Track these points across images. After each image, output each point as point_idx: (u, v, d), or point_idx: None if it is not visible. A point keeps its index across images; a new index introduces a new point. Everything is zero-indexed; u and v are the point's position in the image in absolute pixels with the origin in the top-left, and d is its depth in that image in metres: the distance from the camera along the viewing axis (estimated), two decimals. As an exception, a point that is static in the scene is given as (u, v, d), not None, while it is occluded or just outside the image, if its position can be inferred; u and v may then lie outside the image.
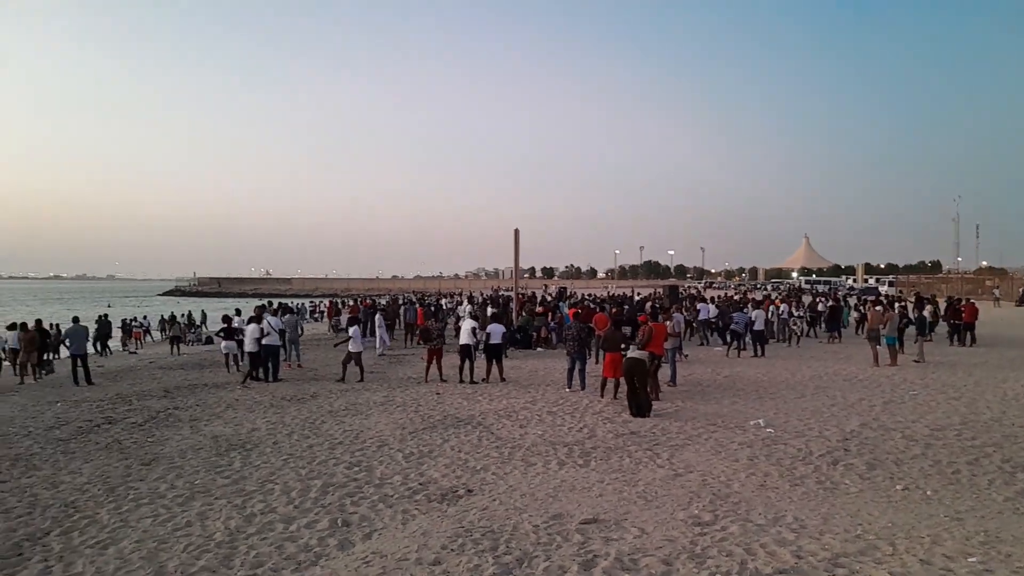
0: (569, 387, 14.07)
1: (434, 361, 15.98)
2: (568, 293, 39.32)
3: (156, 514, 7.07)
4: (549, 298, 34.79)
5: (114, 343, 32.67)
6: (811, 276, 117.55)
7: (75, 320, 19.06)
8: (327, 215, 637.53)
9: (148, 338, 35.58)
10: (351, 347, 16.24)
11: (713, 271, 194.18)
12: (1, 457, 9.63)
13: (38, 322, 20.87)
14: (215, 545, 6.16)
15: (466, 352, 15.46)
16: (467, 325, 16.07)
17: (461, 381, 15.33)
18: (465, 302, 35.48)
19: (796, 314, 26.18)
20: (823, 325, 26.69)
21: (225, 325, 19.37)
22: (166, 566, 5.73)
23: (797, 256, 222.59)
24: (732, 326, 20.76)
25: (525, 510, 6.72)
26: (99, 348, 27.41)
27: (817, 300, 32.75)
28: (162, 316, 39.24)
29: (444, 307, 37.12)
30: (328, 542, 6.17)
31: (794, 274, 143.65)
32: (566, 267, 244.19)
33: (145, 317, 38.69)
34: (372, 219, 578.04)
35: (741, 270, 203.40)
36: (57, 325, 26.29)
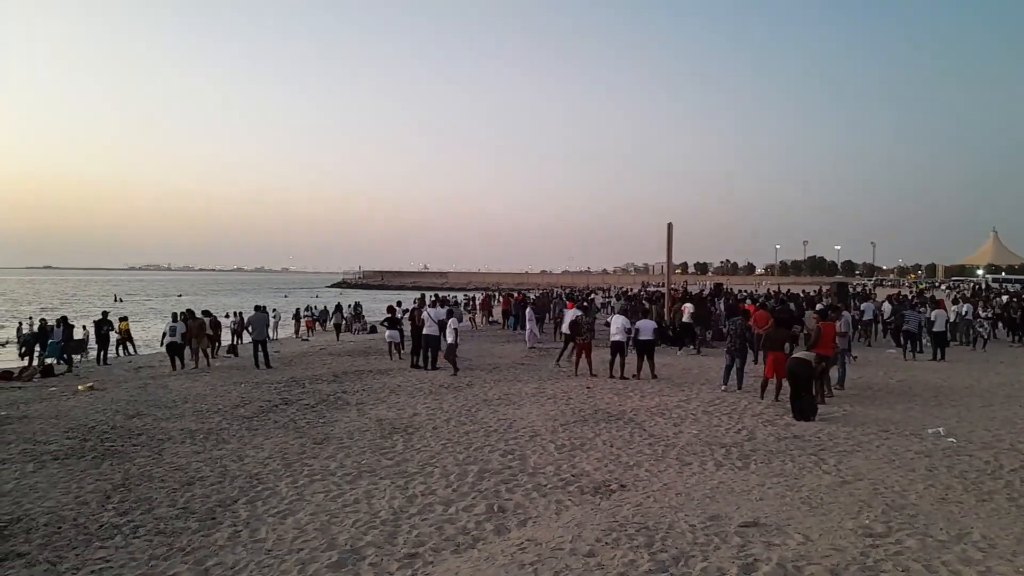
0: (724, 386, 13.61)
1: (583, 355, 16.00)
2: (725, 289, 37.88)
3: (328, 490, 7.58)
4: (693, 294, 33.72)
5: (287, 331, 35.39)
6: (1000, 274, 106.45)
7: (257, 308, 20.76)
8: (481, 210, 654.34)
9: (318, 327, 38.12)
10: (449, 339, 16.68)
11: (885, 268, 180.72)
12: (196, 431, 10.69)
13: (204, 312, 22.97)
14: (380, 522, 6.50)
15: (617, 347, 15.34)
16: (618, 321, 15.93)
17: (612, 376, 15.24)
18: (613, 298, 35.26)
19: (982, 315, 23.83)
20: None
21: (389, 315, 20.38)
22: (337, 539, 6.12)
23: (983, 252, 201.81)
24: (905, 326, 19.24)
25: (681, 509, 6.56)
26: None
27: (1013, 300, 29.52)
28: (325, 306, 41.84)
29: (595, 302, 37.08)
30: (485, 526, 6.34)
31: (979, 271, 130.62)
32: (721, 262, 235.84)
33: (314, 307, 41.47)
34: (523, 214, 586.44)
35: (917, 267, 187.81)
36: (240, 313, 28.80)
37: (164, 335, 19.86)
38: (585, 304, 23.87)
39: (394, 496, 7.30)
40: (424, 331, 17.40)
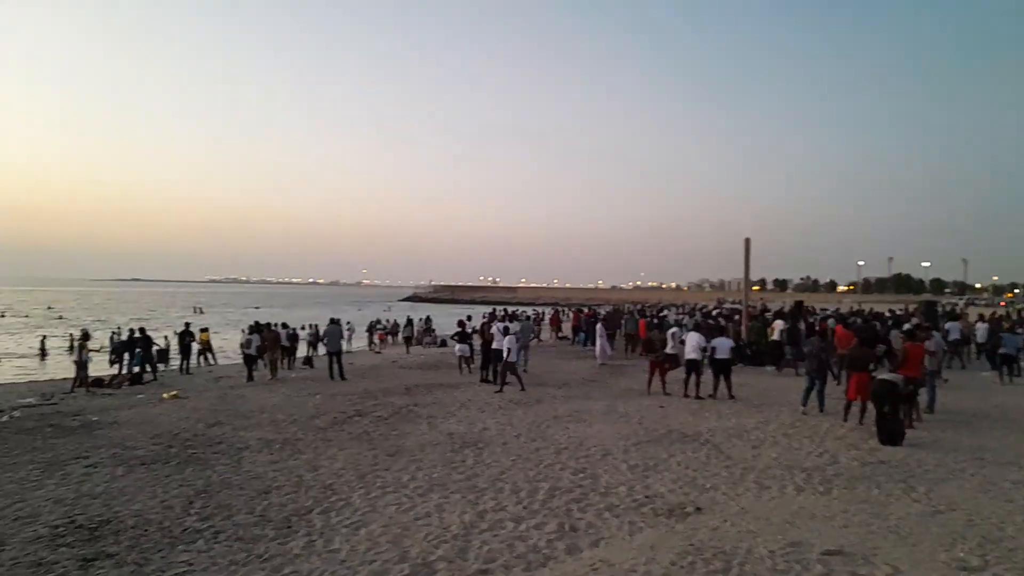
0: (804, 408, 13.13)
1: (656, 374, 15.73)
2: (805, 307, 36.69)
3: (400, 502, 7.63)
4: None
5: (360, 343, 36.09)
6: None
7: (332, 321, 21.24)
8: (550, 225, 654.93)
9: (390, 339, 38.74)
10: (508, 357, 16.56)
11: (978, 286, 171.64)
12: (273, 440, 10.96)
13: (282, 324, 23.60)
14: (451, 537, 6.50)
15: (692, 366, 15.01)
16: (693, 339, 15.59)
17: (686, 396, 14.92)
18: (686, 316, 34.58)
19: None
20: None
21: (459, 329, 20.54)
22: (409, 551, 6.14)
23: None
24: (1001, 349, 18.22)
25: (759, 534, 6.33)
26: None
27: None
28: (395, 319, 42.50)
29: (668, 319, 36.43)
30: (556, 545, 6.26)
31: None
32: (801, 279, 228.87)
33: (386, 320, 42.18)
34: (593, 228, 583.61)
35: (1014, 285, 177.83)
36: (315, 325, 29.51)
37: (241, 346, 20.54)
38: (656, 321, 23.51)
39: (465, 511, 7.29)
40: (493, 345, 17.46)
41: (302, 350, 26.41)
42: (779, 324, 21.11)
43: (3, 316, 68.34)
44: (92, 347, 20.35)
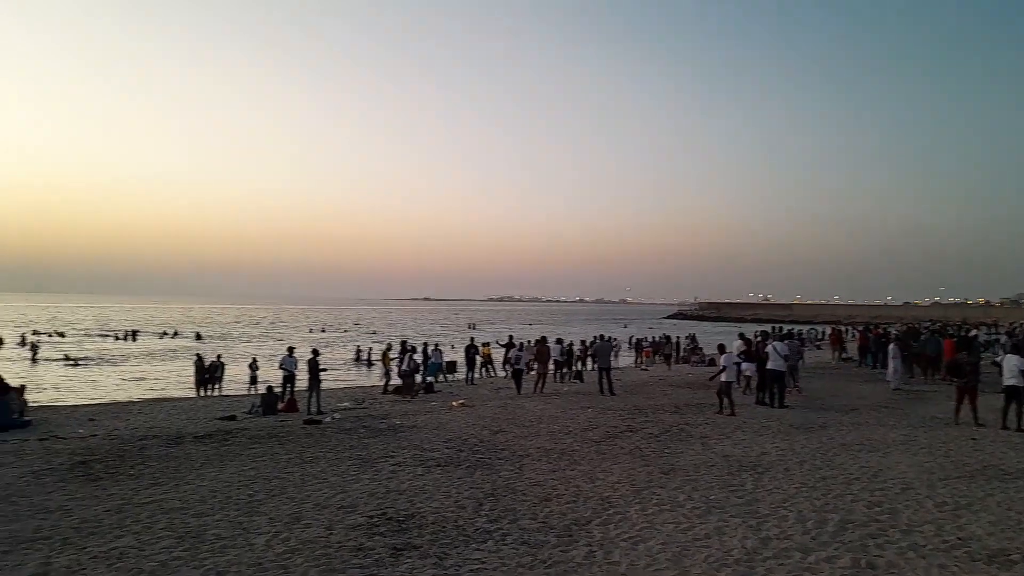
0: None
1: (966, 401, 13.84)
2: None
3: (677, 521, 7.55)
4: None
5: (627, 359, 36.39)
6: None
7: (600, 337, 21.72)
8: (825, 237, 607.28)
9: (656, 357, 38.58)
10: (723, 377, 15.63)
11: None
12: (551, 450, 11.46)
13: (557, 340, 24.41)
14: (733, 561, 6.28)
15: (1012, 393, 13.00)
16: (1011, 361, 13.49)
17: (1004, 427, 12.94)
18: (1004, 335, 29.96)
19: None
20: None
21: (745, 347, 19.86)
22: (689, 572, 6.05)
23: None
24: None
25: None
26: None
27: None
28: (654, 337, 42.13)
29: (979, 339, 31.90)
30: (852, 582, 5.78)
31: None
32: None
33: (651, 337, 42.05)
34: (880, 238, 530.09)
35: None
36: (584, 341, 30.34)
37: (509, 361, 21.79)
38: (965, 342, 20.68)
39: (746, 536, 7.01)
40: (768, 366, 16.61)
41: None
42: None
43: (323, 331, 79.55)
44: (392, 357, 22.95)
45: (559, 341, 26.22)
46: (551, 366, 22.42)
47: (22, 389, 18.29)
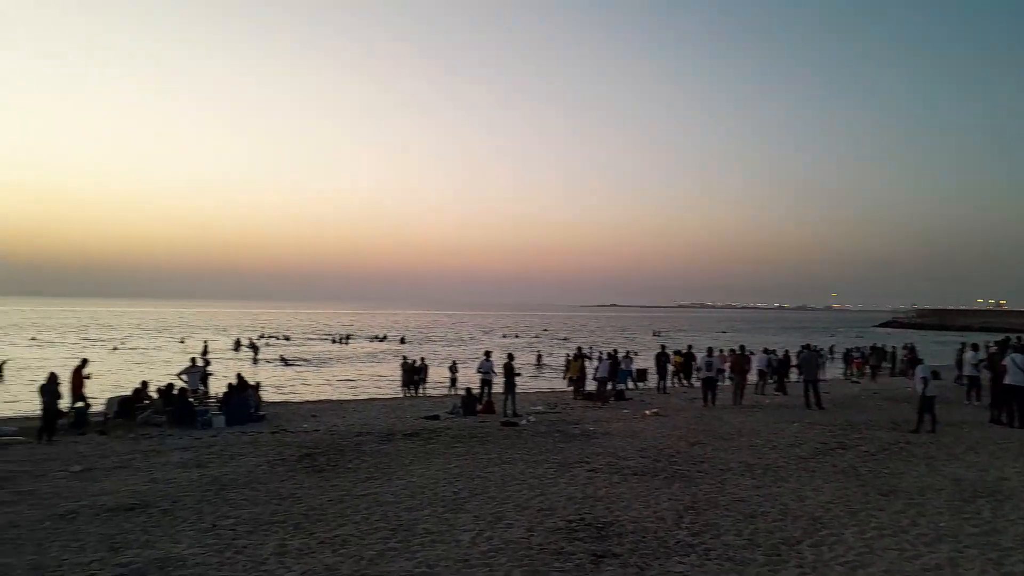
0: None
1: None
2: None
3: (901, 548, 6.91)
4: None
5: (834, 371, 33.96)
6: None
7: (805, 348, 20.46)
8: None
9: (868, 369, 35.61)
10: (923, 390, 13.95)
11: None
12: (754, 465, 10.94)
13: (764, 350, 23.24)
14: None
15: None
16: None
17: None
18: None
19: None
20: None
21: (986, 358, 17.92)
22: (919, 606, 5.51)
23: None
24: None
25: None
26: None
27: None
28: (868, 347, 38.80)
29: None
30: None
31: None
32: None
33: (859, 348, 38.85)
34: None
35: None
36: (787, 351, 28.70)
37: (699, 368, 21.00)
38: None
39: (985, 570, 6.27)
40: (1006, 380, 14.74)
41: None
42: None
43: (516, 337, 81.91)
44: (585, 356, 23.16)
45: (766, 351, 25.05)
46: (754, 376, 21.43)
47: (257, 386, 20.54)
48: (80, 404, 16.40)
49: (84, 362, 17.43)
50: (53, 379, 15.17)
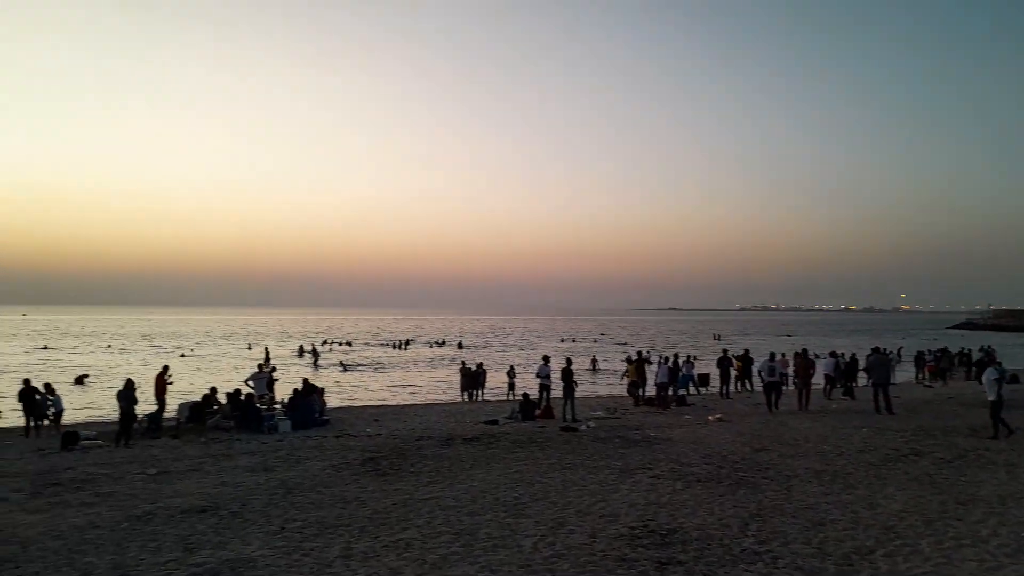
0: None
1: None
2: None
3: (981, 559, 6.62)
4: None
5: (906, 375, 32.80)
6: None
7: (874, 351, 19.77)
8: None
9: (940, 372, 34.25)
10: (990, 395, 13.41)
11: None
12: (822, 471, 10.63)
13: (831, 353, 22.56)
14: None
15: None
16: None
17: None
18: None
19: None
20: None
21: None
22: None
23: None
24: None
25: None
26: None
27: None
28: (927, 350, 37.36)
29: None
30: None
31: None
32: None
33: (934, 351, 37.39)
34: None
35: None
36: (854, 355, 27.86)
37: (758, 372, 20.48)
38: None
39: (1073, 584, 5.96)
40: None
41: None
42: None
43: (574, 341, 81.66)
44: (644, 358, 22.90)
45: (832, 354, 24.37)
46: (820, 380, 20.83)
47: (322, 391, 20.97)
48: (155, 409, 17.06)
49: (166, 368, 18.12)
50: (130, 385, 15.81)
